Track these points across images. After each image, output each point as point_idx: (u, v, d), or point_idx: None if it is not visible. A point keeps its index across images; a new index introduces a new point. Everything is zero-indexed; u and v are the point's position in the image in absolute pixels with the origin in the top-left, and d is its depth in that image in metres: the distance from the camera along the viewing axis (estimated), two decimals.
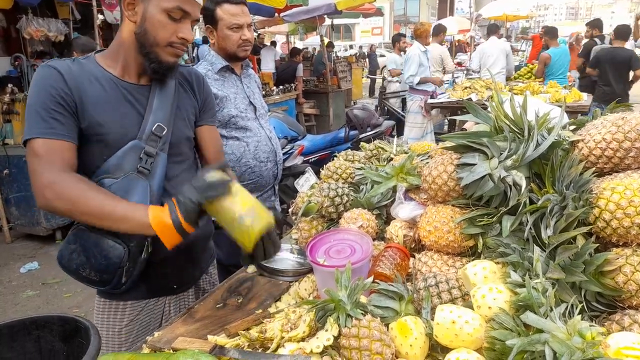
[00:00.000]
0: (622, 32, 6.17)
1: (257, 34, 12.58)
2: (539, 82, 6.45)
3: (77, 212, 1.11)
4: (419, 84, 5.73)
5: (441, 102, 5.74)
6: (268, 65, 10.17)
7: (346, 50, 21.20)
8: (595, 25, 7.54)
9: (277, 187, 2.29)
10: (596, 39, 7.10)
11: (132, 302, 1.37)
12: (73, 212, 1.12)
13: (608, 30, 9.71)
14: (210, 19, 1.96)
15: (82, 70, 1.20)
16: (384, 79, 7.88)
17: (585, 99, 5.30)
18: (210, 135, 1.49)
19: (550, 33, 7.10)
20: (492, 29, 7.39)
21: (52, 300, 3.49)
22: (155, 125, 1.25)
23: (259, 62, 9.94)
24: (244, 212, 1.03)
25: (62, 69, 1.17)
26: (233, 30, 1.93)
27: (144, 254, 1.24)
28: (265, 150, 2.08)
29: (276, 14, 7.73)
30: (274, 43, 12.67)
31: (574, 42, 9.41)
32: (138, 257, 1.23)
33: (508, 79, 7.05)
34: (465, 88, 5.79)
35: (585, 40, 7.88)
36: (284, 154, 3.88)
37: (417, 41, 5.93)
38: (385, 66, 10.21)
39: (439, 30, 6.88)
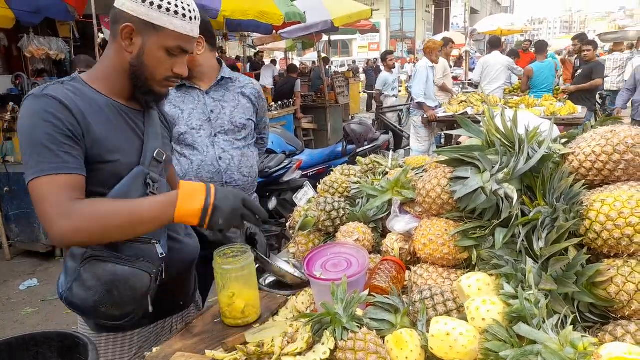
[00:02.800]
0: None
1: (255, 52, 12.79)
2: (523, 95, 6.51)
3: (106, 230, 1.05)
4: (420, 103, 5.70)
5: (437, 117, 5.78)
6: (267, 81, 10.30)
7: (343, 66, 21.43)
8: (583, 39, 7.68)
9: None
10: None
11: (139, 330, 1.31)
12: (99, 233, 1.05)
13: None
14: None
15: (80, 95, 1.14)
16: (380, 93, 7.94)
17: (580, 111, 5.35)
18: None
19: (537, 47, 7.19)
20: (495, 43, 7.35)
21: (51, 317, 3.47)
22: (157, 151, 1.24)
23: (258, 78, 10.07)
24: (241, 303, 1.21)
25: (63, 97, 1.09)
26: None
27: (159, 278, 1.19)
28: (210, 171, 1.96)
29: (274, 31, 7.84)
30: (274, 61, 12.92)
31: (566, 57, 9.54)
32: (155, 282, 1.18)
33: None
34: (461, 102, 5.83)
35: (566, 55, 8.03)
36: (282, 168, 3.90)
37: (425, 57, 5.94)
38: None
39: (444, 43, 6.72)
